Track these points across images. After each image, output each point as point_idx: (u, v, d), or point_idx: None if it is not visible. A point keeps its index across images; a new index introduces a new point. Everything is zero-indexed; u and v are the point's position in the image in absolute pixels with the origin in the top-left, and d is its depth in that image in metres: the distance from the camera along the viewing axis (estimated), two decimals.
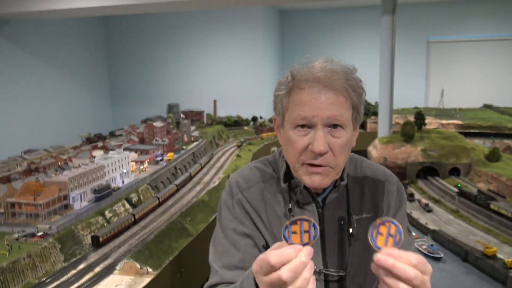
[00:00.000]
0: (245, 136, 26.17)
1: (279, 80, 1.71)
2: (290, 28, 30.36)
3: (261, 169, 1.85)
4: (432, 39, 28.08)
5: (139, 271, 10.52)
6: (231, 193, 1.80)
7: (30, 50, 21.86)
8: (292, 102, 1.60)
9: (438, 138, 13.90)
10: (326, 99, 1.54)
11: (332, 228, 1.76)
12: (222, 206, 1.85)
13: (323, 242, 1.74)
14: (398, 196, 1.89)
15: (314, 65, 1.62)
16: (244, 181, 1.81)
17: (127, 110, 29.20)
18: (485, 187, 11.36)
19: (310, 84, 1.56)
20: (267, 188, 1.78)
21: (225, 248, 1.76)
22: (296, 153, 1.61)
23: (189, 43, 28.13)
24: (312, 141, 1.56)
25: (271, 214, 1.75)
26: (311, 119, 1.55)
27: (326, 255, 1.75)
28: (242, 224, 1.75)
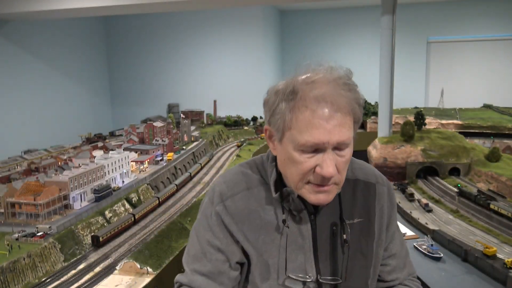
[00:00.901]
0: (245, 136, 26.17)
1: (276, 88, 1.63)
2: (290, 28, 30.35)
3: (247, 174, 1.77)
4: (432, 39, 28.08)
5: (139, 271, 10.53)
6: (212, 201, 1.74)
7: (30, 50, 21.86)
8: (296, 122, 1.52)
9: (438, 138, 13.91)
10: (336, 122, 1.49)
11: (325, 235, 1.72)
12: (202, 212, 1.78)
13: (315, 250, 1.71)
14: (389, 199, 1.88)
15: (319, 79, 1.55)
16: (228, 188, 1.73)
17: (127, 110, 29.20)
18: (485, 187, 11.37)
19: (318, 104, 1.49)
20: (253, 195, 1.72)
21: (197, 255, 1.73)
22: (301, 174, 1.56)
23: (189, 43, 28.14)
24: (320, 163, 1.52)
25: (255, 224, 1.69)
26: (321, 145, 1.50)
27: (319, 262, 1.71)
28: (216, 238, 1.70)
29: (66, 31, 24.60)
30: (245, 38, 27.18)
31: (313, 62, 1.64)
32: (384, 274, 1.93)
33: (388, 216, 1.87)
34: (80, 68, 26.28)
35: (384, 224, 1.85)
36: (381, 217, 1.84)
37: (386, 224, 1.86)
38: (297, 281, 1.66)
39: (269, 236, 1.69)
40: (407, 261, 1.99)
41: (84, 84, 26.78)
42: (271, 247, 1.68)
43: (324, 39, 29.39)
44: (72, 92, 25.30)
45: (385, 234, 1.86)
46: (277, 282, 1.67)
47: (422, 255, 7.20)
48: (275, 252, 1.68)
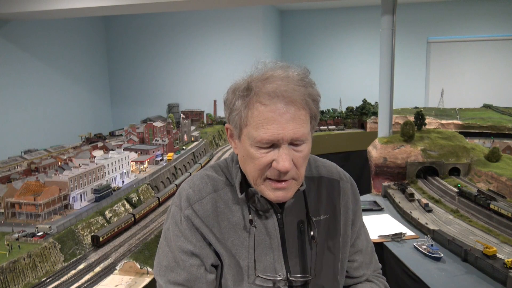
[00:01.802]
0: None
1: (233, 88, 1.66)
2: (290, 28, 30.36)
3: (213, 177, 1.78)
4: (432, 39, 28.08)
5: (139, 271, 10.53)
6: (180, 207, 1.73)
7: (30, 50, 21.85)
8: (252, 118, 1.54)
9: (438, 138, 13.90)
10: (289, 116, 1.51)
11: (292, 233, 1.73)
12: (170, 218, 1.78)
13: (284, 248, 1.72)
14: (353, 194, 1.92)
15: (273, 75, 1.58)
16: (195, 192, 1.73)
17: (127, 110, 29.21)
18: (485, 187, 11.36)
19: (271, 100, 1.51)
20: (220, 198, 1.72)
21: (170, 265, 1.71)
22: (258, 169, 1.58)
23: (189, 43, 28.14)
24: (276, 158, 1.54)
25: (224, 225, 1.70)
26: (276, 141, 1.52)
27: (288, 260, 1.72)
28: (188, 242, 1.69)
29: (66, 31, 24.60)
30: (245, 38, 27.19)
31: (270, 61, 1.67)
32: (351, 270, 1.96)
33: (353, 211, 1.91)
34: (80, 68, 26.27)
35: (349, 219, 1.88)
36: (346, 212, 1.87)
37: (351, 220, 1.89)
38: (267, 280, 1.67)
39: (238, 238, 1.70)
40: (373, 257, 2.04)
41: (84, 84, 26.78)
42: (241, 248, 1.70)
43: (324, 39, 29.39)
44: (72, 92, 25.30)
45: (350, 230, 1.90)
46: (248, 282, 1.68)
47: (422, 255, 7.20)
48: (245, 253, 1.69)
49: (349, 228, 1.90)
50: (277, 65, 1.64)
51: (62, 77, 24.53)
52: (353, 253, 1.96)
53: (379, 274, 2.07)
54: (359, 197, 1.98)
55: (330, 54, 28.68)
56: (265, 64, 1.66)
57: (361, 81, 25.60)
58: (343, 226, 1.87)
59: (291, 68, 1.62)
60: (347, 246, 1.90)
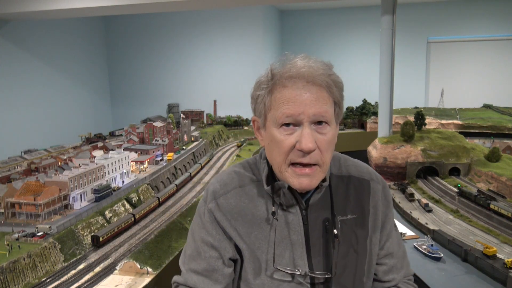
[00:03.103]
0: (245, 136, 26.17)
1: (258, 80, 1.67)
2: (290, 28, 30.36)
3: (240, 173, 1.80)
4: (432, 39, 28.08)
5: (139, 271, 10.52)
6: (205, 200, 1.78)
7: (30, 50, 21.85)
8: (275, 101, 1.57)
9: (438, 138, 13.90)
10: (311, 95, 1.52)
11: (317, 230, 1.72)
12: (197, 211, 1.84)
13: (308, 244, 1.71)
14: (384, 197, 1.86)
15: (295, 62, 1.59)
16: (221, 186, 1.77)
17: (127, 110, 29.20)
18: (485, 187, 11.36)
19: (293, 80, 1.54)
20: (246, 193, 1.75)
21: (193, 254, 1.79)
22: (283, 152, 1.58)
23: (189, 43, 28.14)
24: (299, 139, 1.54)
25: (248, 220, 1.72)
26: (297, 116, 1.53)
27: (311, 257, 1.71)
28: (209, 235, 1.74)
29: (66, 31, 24.60)
30: (245, 38, 27.18)
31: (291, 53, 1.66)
32: (380, 274, 1.91)
33: (384, 214, 1.85)
34: (80, 68, 26.27)
35: (379, 221, 1.84)
36: (375, 214, 1.82)
37: (381, 222, 1.84)
38: (286, 274, 1.67)
39: (261, 232, 1.71)
40: (404, 261, 1.96)
41: (84, 84, 26.78)
42: (263, 242, 1.71)
43: (324, 39, 29.39)
44: (72, 92, 25.30)
45: (379, 232, 1.85)
46: (266, 275, 1.69)
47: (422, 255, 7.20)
48: (266, 246, 1.70)
49: (378, 230, 1.85)
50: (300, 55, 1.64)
51: (62, 77, 24.53)
52: (382, 256, 1.90)
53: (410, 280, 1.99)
54: (391, 200, 1.92)
55: (330, 54, 28.67)
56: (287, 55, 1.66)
57: (361, 81, 25.59)
58: (371, 228, 1.82)
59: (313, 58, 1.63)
60: (375, 249, 1.85)
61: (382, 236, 1.87)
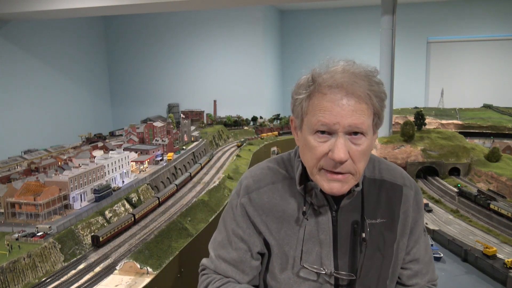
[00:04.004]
0: (245, 136, 26.16)
1: (299, 82, 1.66)
2: (290, 28, 30.36)
3: (274, 169, 1.83)
4: (432, 39, 28.08)
5: (139, 271, 10.52)
6: (238, 193, 1.83)
7: (30, 50, 21.86)
8: (312, 107, 1.57)
9: (438, 138, 13.89)
10: (348, 106, 1.51)
11: (345, 231, 1.74)
12: (229, 202, 1.90)
13: (335, 245, 1.73)
14: (416, 202, 1.86)
15: (336, 68, 1.59)
16: (254, 181, 1.81)
17: (127, 110, 29.21)
18: (485, 187, 11.35)
19: (332, 90, 1.53)
20: (278, 190, 1.77)
21: (223, 242, 1.85)
22: (315, 158, 1.58)
23: (189, 43, 28.14)
24: (332, 148, 1.54)
25: (278, 216, 1.75)
26: (332, 126, 1.52)
27: (337, 258, 1.73)
28: (239, 228, 1.79)
29: (66, 31, 24.61)
30: (245, 38, 27.19)
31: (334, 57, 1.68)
32: (404, 278, 1.92)
33: (414, 220, 1.85)
34: (80, 68, 26.29)
35: (408, 227, 1.84)
36: (405, 220, 1.82)
37: (410, 228, 1.84)
38: (311, 272, 1.71)
39: (290, 229, 1.74)
40: (430, 267, 1.97)
41: (84, 84, 26.79)
42: (292, 239, 1.75)
43: (324, 39, 29.39)
44: (72, 92, 25.32)
45: (407, 238, 1.85)
46: (292, 272, 1.74)
47: None
48: (294, 243, 1.74)
49: (406, 236, 1.85)
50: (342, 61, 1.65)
51: (62, 77, 24.53)
52: (408, 261, 1.91)
53: (434, 285, 2.02)
54: (422, 206, 1.92)
55: (330, 54, 28.45)
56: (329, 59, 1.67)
57: None
58: (399, 233, 1.82)
59: (357, 64, 1.64)
60: (401, 253, 1.86)
61: (409, 242, 1.87)
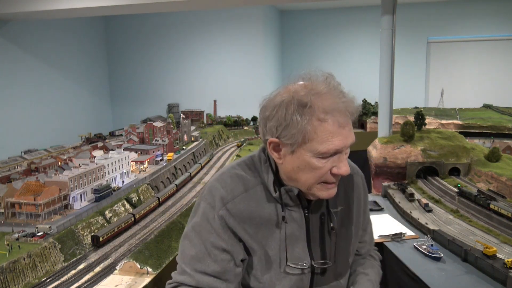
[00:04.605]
0: (245, 136, 26.17)
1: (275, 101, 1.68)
2: (290, 28, 30.36)
3: (243, 176, 1.87)
4: (432, 39, 28.08)
5: (139, 271, 10.53)
6: (213, 206, 1.82)
7: (30, 50, 21.85)
8: (316, 134, 1.64)
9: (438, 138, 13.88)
10: (348, 128, 1.71)
11: (315, 225, 1.91)
12: (201, 215, 1.86)
13: (308, 239, 1.89)
14: (363, 187, 2.12)
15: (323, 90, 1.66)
16: (227, 192, 1.82)
17: (127, 110, 29.21)
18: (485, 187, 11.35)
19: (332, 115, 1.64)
20: (251, 197, 1.83)
21: (199, 256, 1.81)
22: (318, 177, 1.72)
23: (189, 43, 28.15)
24: (337, 164, 1.71)
25: (256, 222, 1.81)
26: (341, 149, 1.70)
27: (311, 250, 1.89)
28: (221, 239, 1.80)
29: (66, 31, 24.60)
30: (245, 38, 27.19)
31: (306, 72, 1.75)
32: (360, 249, 2.21)
33: (364, 202, 2.12)
34: (80, 68, 26.28)
35: (361, 208, 2.10)
36: (358, 204, 2.07)
37: (362, 209, 2.11)
38: (296, 268, 1.86)
39: (269, 232, 1.84)
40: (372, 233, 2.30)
41: (84, 84, 26.79)
42: (271, 241, 1.85)
43: (324, 39, 29.39)
44: (72, 92, 25.30)
45: (362, 218, 2.12)
46: (275, 272, 1.86)
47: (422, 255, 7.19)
48: (276, 245, 1.85)
49: (361, 217, 2.10)
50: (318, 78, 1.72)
51: (62, 77, 24.53)
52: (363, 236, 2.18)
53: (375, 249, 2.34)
54: (366, 187, 2.16)
55: (330, 54, 28.68)
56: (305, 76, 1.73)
57: (361, 81, 25.57)
58: (355, 216, 2.05)
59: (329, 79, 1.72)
60: (358, 232, 2.10)
61: (364, 220, 2.15)
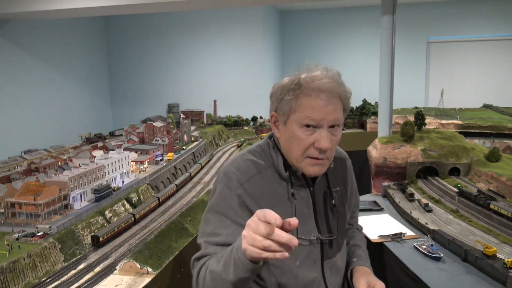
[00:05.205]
0: (245, 136, 26.17)
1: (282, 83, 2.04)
2: (290, 28, 30.35)
3: (254, 161, 2.13)
4: (432, 39, 28.07)
5: (139, 271, 10.52)
6: (229, 187, 2.05)
7: (30, 50, 21.85)
8: (300, 106, 1.93)
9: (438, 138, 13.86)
10: (331, 106, 1.92)
11: (320, 201, 2.19)
12: (217, 196, 2.09)
13: (315, 214, 2.16)
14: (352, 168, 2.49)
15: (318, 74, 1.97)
16: (242, 174, 2.07)
17: (127, 110, 29.20)
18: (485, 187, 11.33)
19: (317, 93, 1.91)
20: (264, 178, 2.08)
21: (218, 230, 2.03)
22: (302, 148, 1.96)
23: (189, 43, 28.14)
24: (318, 139, 1.93)
25: (270, 201, 2.04)
26: (319, 121, 1.92)
27: (318, 224, 2.15)
28: (238, 216, 2.01)
29: (66, 31, 24.61)
30: (245, 38, 27.19)
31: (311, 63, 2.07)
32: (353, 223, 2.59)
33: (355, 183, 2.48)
34: (80, 68, 26.28)
35: (354, 189, 2.46)
36: (351, 184, 2.43)
37: (354, 189, 2.47)
38: (305, 240, 2.11)
39: (282, 209, 2.07)
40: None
41: (84, 84, 26.79)
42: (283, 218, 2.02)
43: (324, 39, 29.39)
44: (72, 92, 25.31)
45: (354, 197, 2.48)
46: None
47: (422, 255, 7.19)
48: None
49: (354, 195, 2.44)
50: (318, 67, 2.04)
51: (62, 77, 24.53)
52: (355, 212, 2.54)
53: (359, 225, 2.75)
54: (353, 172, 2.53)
55: (330, 54, 28.67)
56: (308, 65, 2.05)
57: (361, 81, 25.56)
58: (350, 194, 2.39)
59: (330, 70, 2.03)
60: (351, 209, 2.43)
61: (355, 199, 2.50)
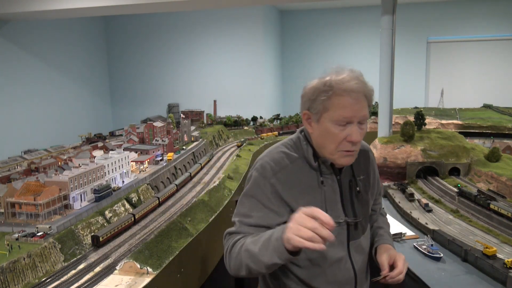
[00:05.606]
0: (245, 136, 26.16)
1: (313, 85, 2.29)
2: (290, 28, 30.35)
3: (286, 153, 2.38)
4: (432, 39, 28.07)
5: (139, 271, 10.51)
6: (264, 175, 2.30)
7: (30, 50, 21.85)
8: (333, 105, 2.20)
9: (438, 138, 13.88)
10: (360, 104, 2.21)
11: (346, 189, 2.43)
12: (252, 183, 2.34)
13: (342, 200, 2.40)
14: (374, 160, 2.75)
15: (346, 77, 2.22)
16: (276, 164, 2.32)
17: (127, 110, 29.20)
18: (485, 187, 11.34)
19: (348, 93, 2.18)
20: (295, 168, 2.33)
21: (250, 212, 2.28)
22: (336, 142, 2.23)
23: (189, 43, 28.14)
24: (350, 133, 2.20)
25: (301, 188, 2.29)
26: (351, 118, 2.20)
27: (345, 208, 2.40)
28: (270, 202, 2.26)
29: (66, 31, 24.60)
30: (245, 38, 27.19)
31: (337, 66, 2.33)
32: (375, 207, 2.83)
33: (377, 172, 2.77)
34: (80, 68, 26.27)
35: (376, 178, 2.74)
36: (374, 174, 2.70)
37: (377, 178, 2.76)
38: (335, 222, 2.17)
39: (312, 195, 2.32)
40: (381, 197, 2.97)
41: (84, 84, 26.78)
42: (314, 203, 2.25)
43: (324, 39, 29.39)
44: (72, 92, 25.30)
45: (377, 185, 2.75)
46: None
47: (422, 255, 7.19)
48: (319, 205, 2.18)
49: (376, 184, 2.71)
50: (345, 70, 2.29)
51: (62, 77, 24.53)
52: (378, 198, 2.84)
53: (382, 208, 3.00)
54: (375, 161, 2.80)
55: (330, 54, 28.67)
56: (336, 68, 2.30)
57: None
58: (372, 183, 2.64)
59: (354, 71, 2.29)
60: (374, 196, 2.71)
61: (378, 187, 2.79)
